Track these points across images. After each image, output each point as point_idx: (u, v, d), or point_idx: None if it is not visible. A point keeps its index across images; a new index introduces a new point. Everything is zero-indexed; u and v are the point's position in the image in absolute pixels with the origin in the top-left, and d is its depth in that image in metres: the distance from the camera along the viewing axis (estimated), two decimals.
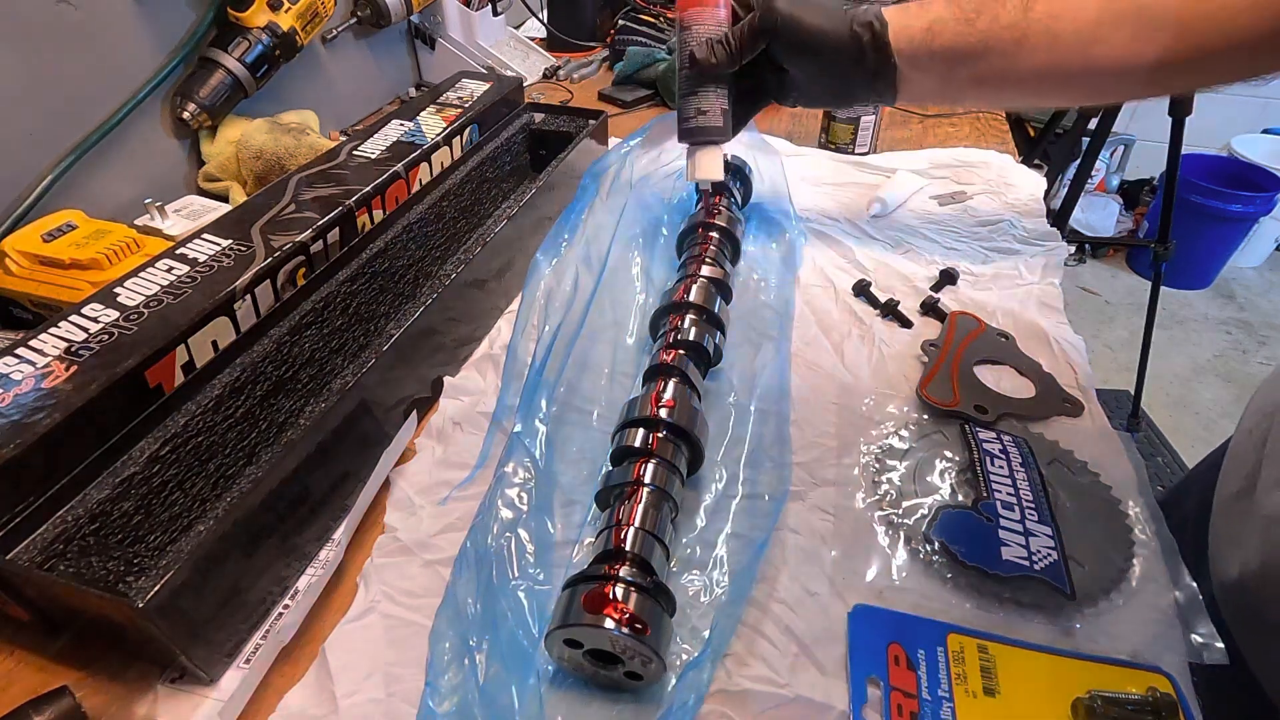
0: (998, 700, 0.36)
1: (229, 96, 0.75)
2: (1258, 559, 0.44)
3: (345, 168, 0.64)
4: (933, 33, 0.49)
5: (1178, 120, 1.41)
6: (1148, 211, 2.62)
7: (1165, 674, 0.37)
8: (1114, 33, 0.46)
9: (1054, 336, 0.59)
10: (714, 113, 0.56)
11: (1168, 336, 2.30)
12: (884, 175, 0.81)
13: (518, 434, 0.48)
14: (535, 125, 0.82)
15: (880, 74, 0.51)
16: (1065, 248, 0.69)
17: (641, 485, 0.41)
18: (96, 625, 0.38)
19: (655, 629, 0.34)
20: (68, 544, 0.37)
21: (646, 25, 1.17)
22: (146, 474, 0.41)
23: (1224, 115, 2.44)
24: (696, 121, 0.57)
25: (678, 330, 0.52)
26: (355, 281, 0.56)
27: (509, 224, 0.64)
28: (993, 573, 0.41)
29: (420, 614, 0.40)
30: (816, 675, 0.37)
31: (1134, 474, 0.48)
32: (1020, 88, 0.50)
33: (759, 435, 0.50)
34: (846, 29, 0.50)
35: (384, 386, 0.50)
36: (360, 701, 0.36)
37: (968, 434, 0.49)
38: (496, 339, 0.60)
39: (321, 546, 0.44)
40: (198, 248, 0.52)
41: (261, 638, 0.39)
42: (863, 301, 0.64)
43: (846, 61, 0.51)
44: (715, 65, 0.54)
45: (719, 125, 0.57)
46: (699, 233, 0.63)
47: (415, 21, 1.05)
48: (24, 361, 0.42)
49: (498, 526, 0.43)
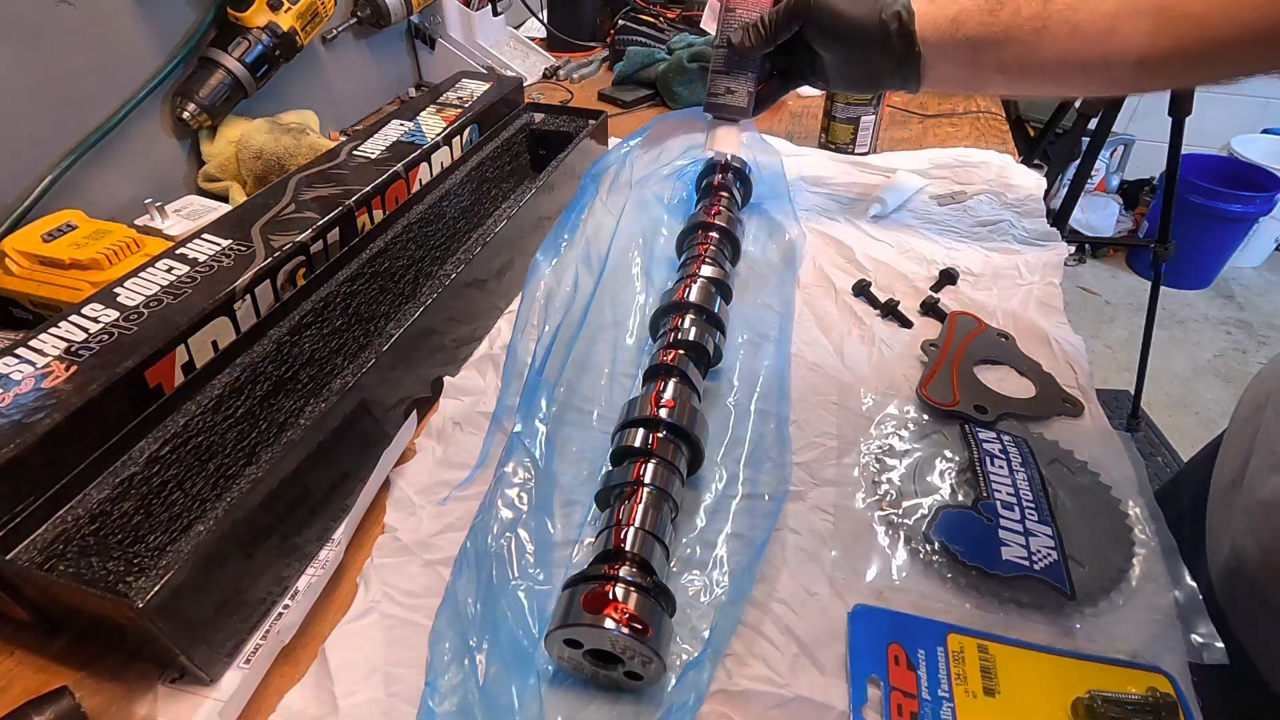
0: (998, 700, 0.36)
1: (229, 96, 0.75)
2: (1249, 542, 0.45)
3: (345, 168, 0.64)
4: (958, 23, 0.51)
5: (1178, 120, 1.42)
6: (1148, 211, 2.63)
7: (1165, 674, 0.37)
8: (1130, 25, 0.47)
9: (1054, 336, 0.59)
10: (741, 94, 0.62)
11: (1168, 336, 2.30)
12: (884, 175, 0.81)
13: (518, 434, 0.48)
14: (535, 125, 0.82)
15: (906, 61, 0.53)
16: (1065, 248, 0.69)
17: (641, 485, 0.41)
18: (96, 625, 0.38)
19: (655, 629, 0.34)
20: (68, 544, 0.37)
21: (646, 25, 1.17)
22: (146, 474, 0.41)
23: (1224, 115, 2.45)
24: (724, 99, 0.62)
25: (678, 330, 0.52)
26: (355, 281, 0.56)
27: (509, 224, 0.64)
28: (993, 573, 0.41)
29: (420, 614, 0.40)
30: (816, 675, 0.37)
31: (1134, 474, 0.48)
32: (1041, 76, 0.52)
33: (759, 435, 0.50)
34: (875, 17, 0.52)
35: (384, 386, 0.50)
36: (360, 701, 0.36)
37: (968, 434, 0.49)
38: (496, 339, 0.60)
39: (321, 546, 0.44)
40: (198, 248, 0.52)
41: (261, 638, 0.39)
42: (863, 301, 0.64)
43: (874, 48, 0.53)
44: (750, 48, 0.58)
45: (743, 106, 0.62)
46: (699, 233, 0.63)
47: (415, 21, 1.05)
48: (24, 361, 0.42)
49: (498, 526, 0.43)
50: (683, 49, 1.00)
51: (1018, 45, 0.50)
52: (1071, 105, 1.61)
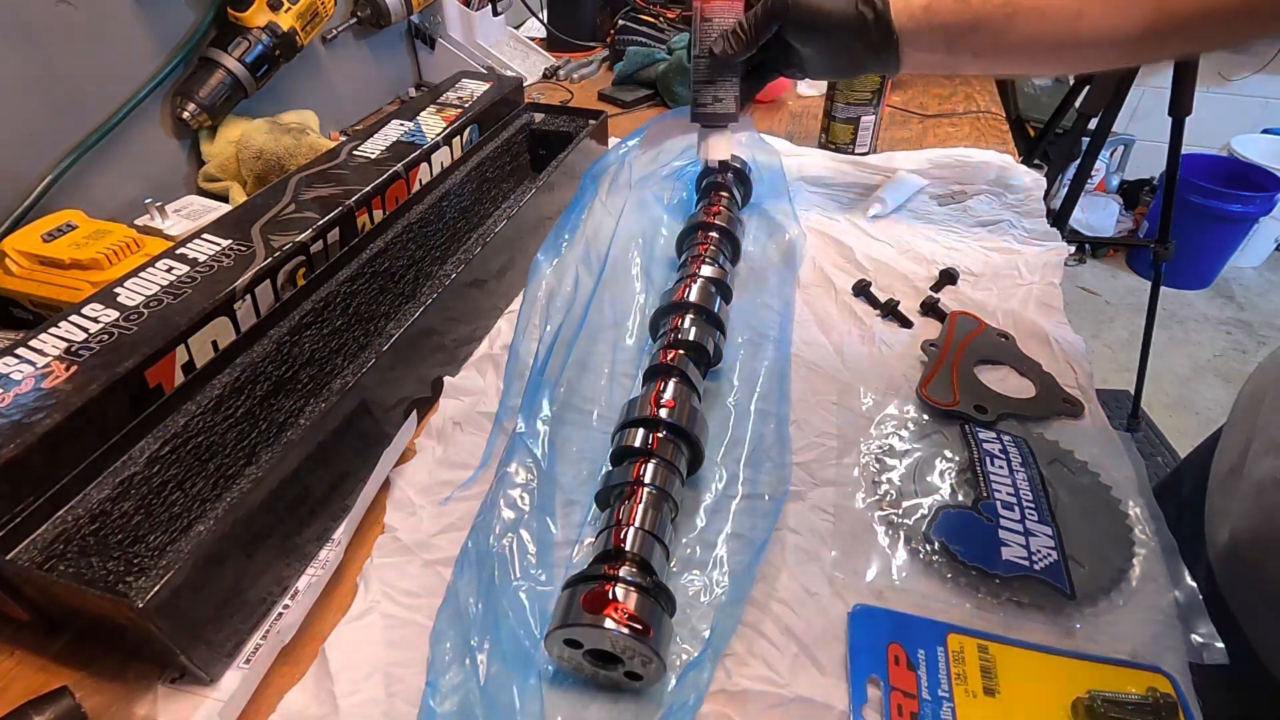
0: (998, 700, 0.36)
1: (229, 96, 0.75)
2: (1248, 524, 0.46)
3: (345, 168, 0.64)
4: (931, 10, 0.52)
5: (1178, 120, 1.41)
6: (1148, 211, 2.62)
7: (1165, 674, 0.37)
8: (1096, 6, 0.48)
9: (1054, 336, 0.59)
10: (728, 100, 0.61)
11: (1168, 336, 2.30)
12: (884, 175, 0.81)
13: (520, 434, 0.48)
14: (535, 125, 0.82)
15: (884, 48, 0.54)
16: (1065, 248, 0.69)
17: (641, 485, 0.41)
18: (96, 625, 0.38)
19: (655, 629, 0.34)
20: (68, 544, 0.37)
21: (646, 25, 1.17)
22: (146, 474, 0.41)
23: (1224, 115, 2.44)
24: (712, 108, 0.62)
25: (678, 330, 0.52)
26: (355, 281, 0.56)
27: (509, 224, 0.64)
28: (993, 573, 0.41)
29: (420, 614, 0.40)
30: (816, 675, 0.37)
31: (1134, 474, 0.48)
32: (1015, 58, 0.54)
33: (759, 435, 0.50)
34: (852, 9, 0.53)
35: (384, 386, 0.50)
36: (360, 701, 0.36)
37: (968, 434, 0.49)
38: (496, 339, 0.60)
39: (321, 546, 0.44)
40: (198, 248, 0.52)
41: (261, 638, 0.39)
42: (863, 301, 0.64)
43: (852, 38, 0.54)
44: (733, 54, 0.58)
45: (731, 111, 0.62)
46: (699, 233, 0.63)
47: (415, 21, 1.05)
48: (24, 361, 0.42)
49: (499, 526, 0.43)
50: (683, 49, 1.00)
51: (990, 30, 0.51)
52: (1071, 105, 1.61)
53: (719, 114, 0.62)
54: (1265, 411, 0.48)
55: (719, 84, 0.61)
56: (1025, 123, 2.13)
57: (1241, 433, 0.51)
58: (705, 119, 0.63)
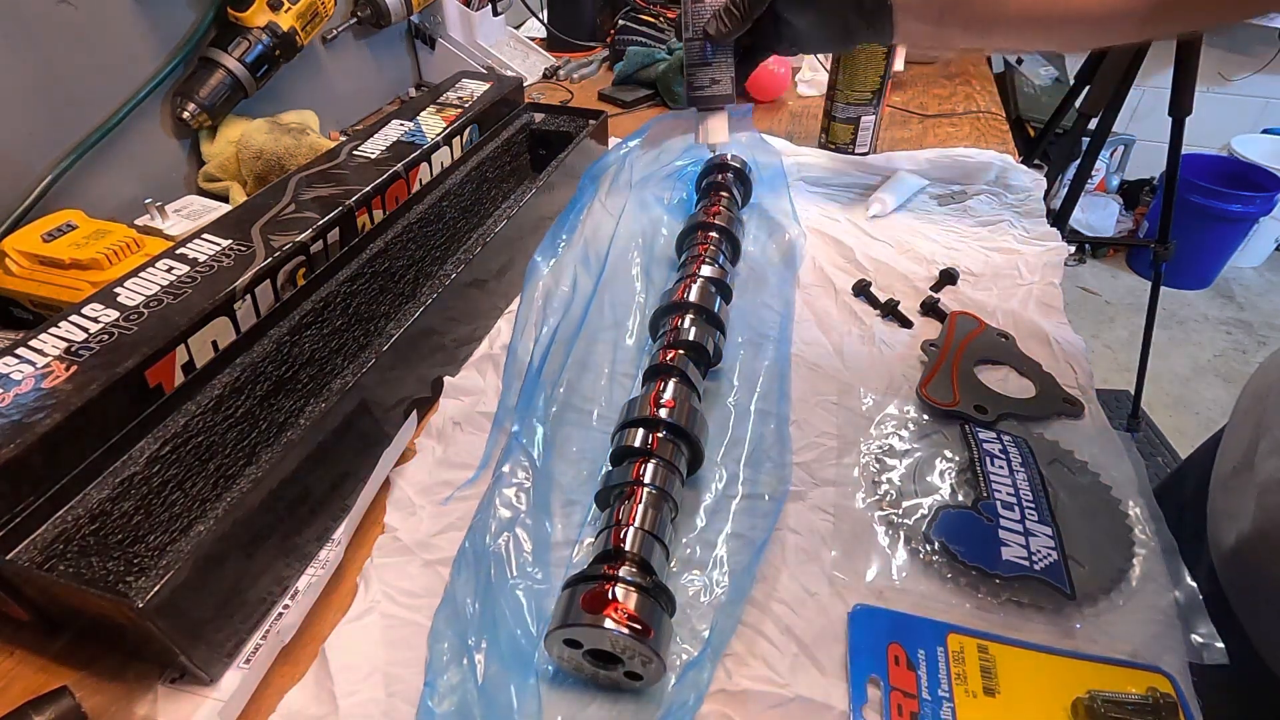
0: (998, 700, 0.36)
1: (229, 96, 0.75)
2: (1253, 525, 0.46)
3: (345, 168, 0.64)
4: None
5: (1178, 120, 1.42)
6: (1148, 211, 2.62)
7: (1165, 674, 0.37)
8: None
9: (1054, 336, 0.59)
10: (724, 80, 0.62)
11: (1168, 336, 2.30)
12: (884, 175, 0.81)
13: (515, 434, 0.48)
14: (535, 125, 0.82)
15: (877, 14, 0.54)
16: (1065, 248, 0.69)
17: (641, 485, 0.41)
18: (96, 625, 0.38)
19: (655, 629, 0.34)
20: (68, 544, 0.37)
21: (646, 25, 1.17)
22: (146, 474, 0.41)
23: (1224, 115, 2.44)
24: (710, 90, 0.62)
25: (678, 330, 0.52)
26: (355, 281, 0.56)
27: (509, 224, 0.64)
28: (993, 573, 0.41)
29: (420, 614, 0.40)
30: (816, 675, 0.37)
31: (1134, 474, 0.48)
32: (1006, 30, 0.54)
33: (759, 435, 0.50)
34: None
35: (384, 386, 0.50)
36: (360, 701, 0.36)
37: (968, 434, 0.49)
38: (496, 339, 0.60)
39: (321, 546, 0.44)
40: (198, 248, 0.52)
41: (261, 638, 0.39)
42: (863, 301, 0.64)
43: (848, 8, 0.54)
44: (727, 32, 0.58)
45: (728, 92, 0.62)
46: (699, 233, 0.63)
47: (415, 21, 1.05)
48: (24, 361, 0.42)
49: (496, 526, 0.43)
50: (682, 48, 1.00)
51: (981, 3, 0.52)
52: (1071, 105, 1.61)
53: (716, 95, 0.62)
54: (1271, 410, 0.48)
55: (714, 65, 0.61)
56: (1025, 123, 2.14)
57: (1245, 432, 0.50)
58: (702, 101, 0.63)
